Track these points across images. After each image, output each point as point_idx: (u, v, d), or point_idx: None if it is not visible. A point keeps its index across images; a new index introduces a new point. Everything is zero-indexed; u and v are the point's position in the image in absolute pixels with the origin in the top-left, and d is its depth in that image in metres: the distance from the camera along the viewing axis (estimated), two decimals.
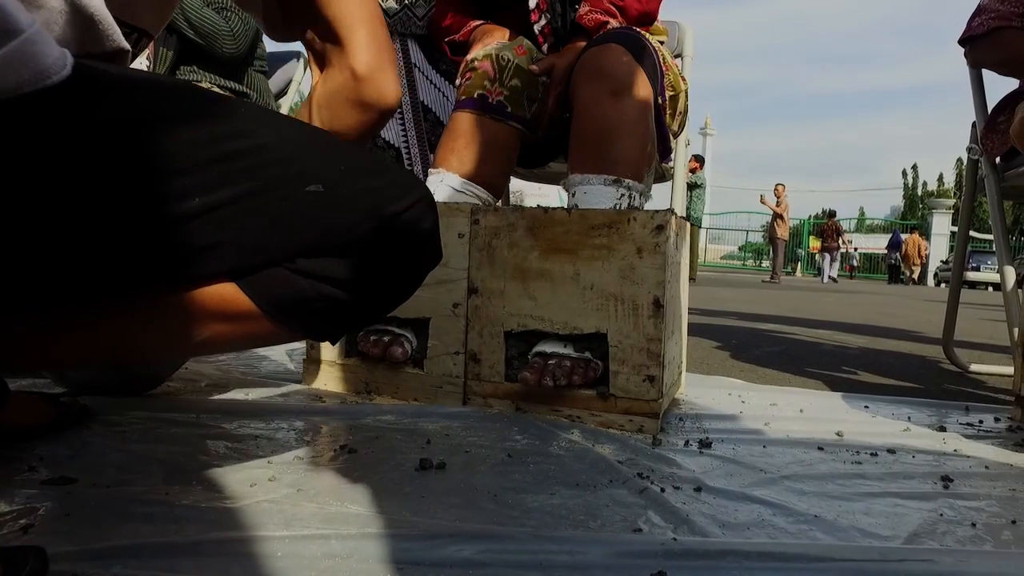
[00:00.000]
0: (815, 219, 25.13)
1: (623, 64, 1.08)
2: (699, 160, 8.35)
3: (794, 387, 1.40)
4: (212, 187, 0.45)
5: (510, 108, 1.15)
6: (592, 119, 1.08)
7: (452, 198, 1.11)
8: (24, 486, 0.61)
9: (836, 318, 3.55)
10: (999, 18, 1.43)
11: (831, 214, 14.78)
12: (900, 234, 17.13)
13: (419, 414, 0.95)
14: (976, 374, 1.75)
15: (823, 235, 14.04)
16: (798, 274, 18.02)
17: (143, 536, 0.52)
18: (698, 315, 3.15)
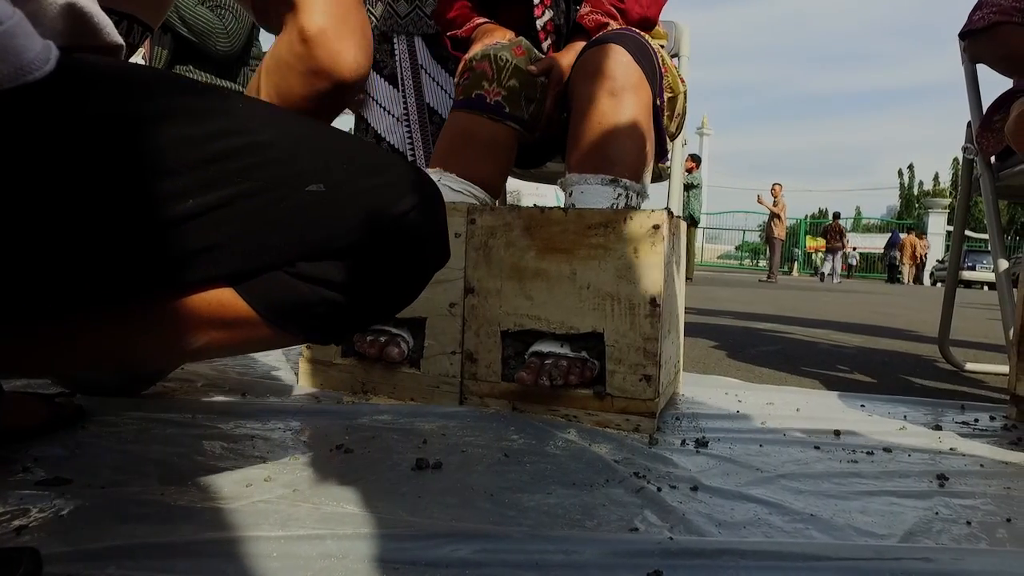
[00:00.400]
0: (812, 219, 25.22)
1: (623, 64, 1.08)
2: (695, 160, 8.35)
3: (790, 386, 1.40)
4: (207, 187, 0.43)
5: (508, 108, 1.15)
6: (590, 119, 1.09)
7: (449, 198, 1.11)
8: (18, 487, 0.61)
9: (832, 317, 3.56)
10: (1000, 13, 1.42)
11: (835, 216, 15.05)
12: (899, 234, 17.23)
13: (415, 414, 0.95)
14: (972, 373, 1.75)
15: (827, 236, 14.26)
16: (795, 273, 18.06)
17: (138, 536, 0.52)
18: (695, 315, 3.15)
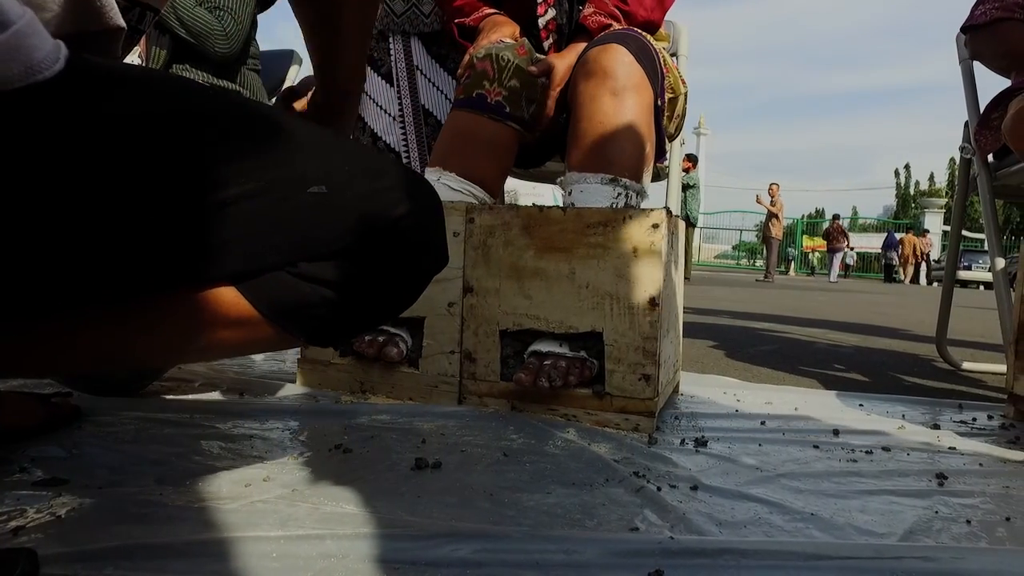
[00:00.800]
0: (808, 218, 25.26)
1: (625, 64, 1.08)
2: (692, 160, 8.35)
3: (789, 386, 1.40)
4: (211, 188, 0.43)
5: (508, 108, 1.14)
6: (591, 118, 1.08)
7: (448, 197, 1.10)
8: (15, 487, 0.60)
9: (830, 317, 3.56)
10: (1002, 9, 1.42)
11: (835, 217, 15.41)
12: (895, 235, 17.36)
13: (414, 413, 0.95)
14: (969, 372, 1.75)
15: (828, 237, 14.61)
16: (792, 273, 18.10)
17: (136, 537, 0.52)
18: (693, 314, 3.15)
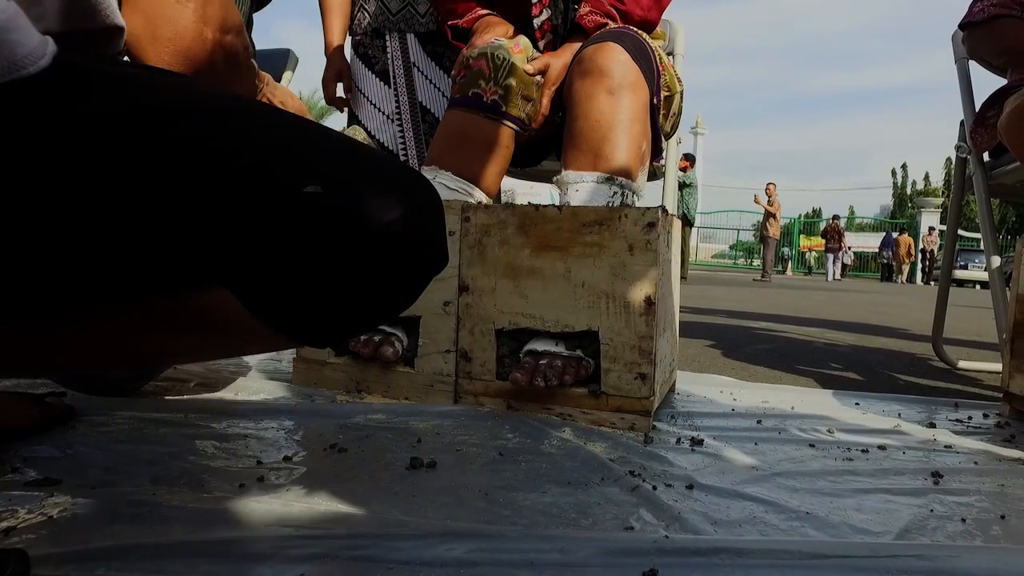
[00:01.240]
0: (806, 218, 25.31)
1: (620, 63, 1.08)
2: (689, 159, 8.35)
3: (785, 384, 1.40)
4: (208, 186, 0.42)
5: (505, 107, 1.14)
6: (587, 117, 1.08)
7: (444, 196, 1.10)
8: (7, 488, 0.60)
9: (827, 316, 3.57)
10: (1000, 6, 1.43)
11: (834, 217, 15.79)
12: (892, 235, 17.52)
13: (410, 413, 0.95)
14: (965, 371, 1.76)
15: (826, 237, 14.94)
16: (789, 272, 18.15)
17: (129, 537, 0.52)
18: (690, 313, 3.16)
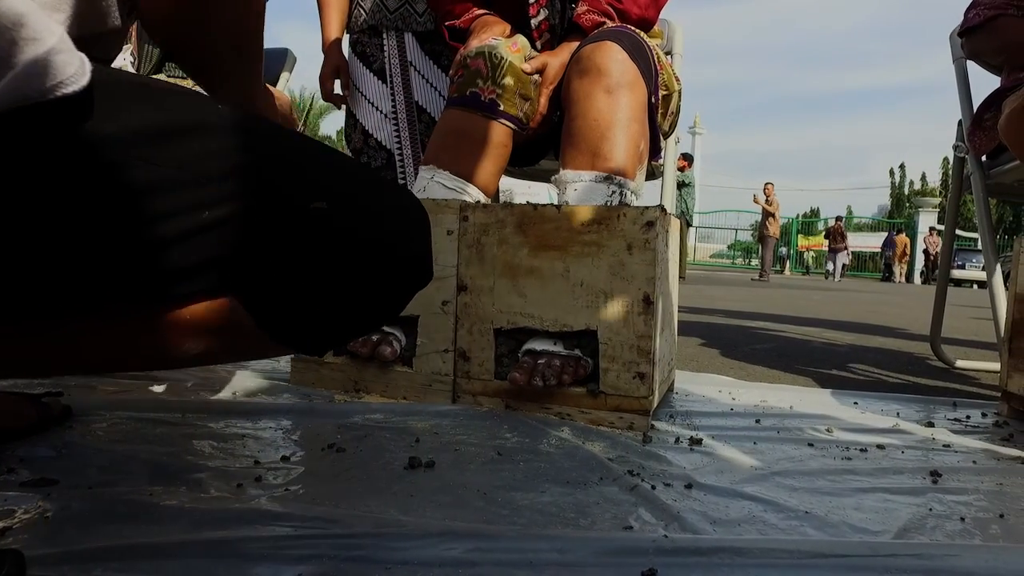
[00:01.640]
0: (804, 218, 25.34)
1: (618, 62, 1.08)
2: (687, 159, 8.36)
3: (784, 384, 1.40)
4: (223, 200, 0.45)
5: (502, 106, 1.14)
6: (585, 116, 1.08)
7: (442, 195, 1.10)
8: (3, 488, 0.60)
9: (825, 316, 3.57)
10: (993, 7, 1.45)
11: (837, 219, 16.25)
12: (893, 234, 17.70)
13: (408, 412, 0.94)
14: (963, 370, 1.76)
15: (830, 238, 15.39)
16: (787, 272, 18.19)
17: (126, 537, 0.51)
18: (688, 313, 3.16)
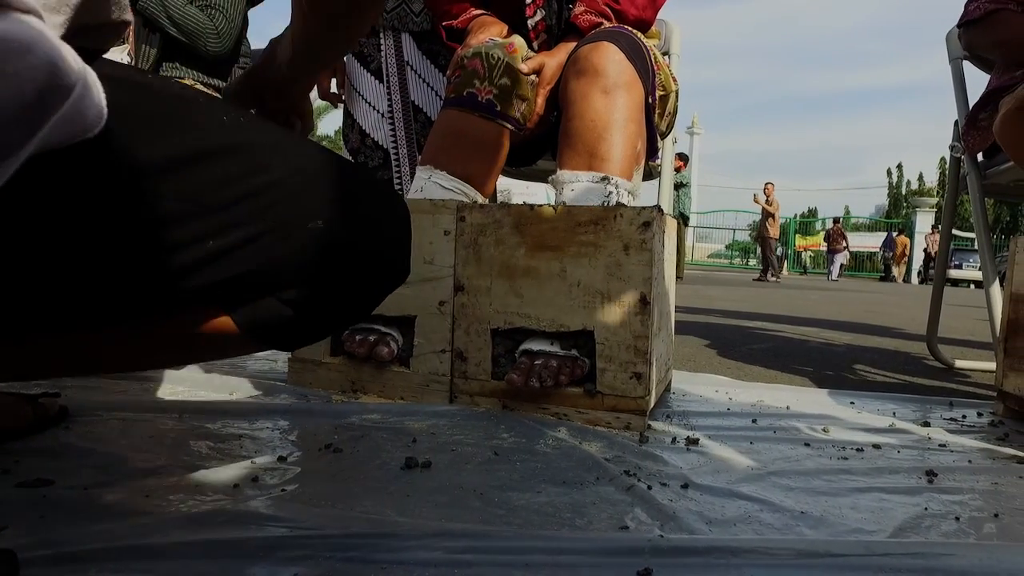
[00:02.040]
0: (802, 218, 25.39)
1: (615, 62, 1.08)
2: (683, 159, 8.35)
3: (781, 384, 1.41)
4: (225, 230, 0.46)
5: (499, 107, 1.14)
6: (582, 116, 1.08)
7: (439, 195, 1.10)
8: None
9: (823, 316, 3.58)
10: (995, 1, 1.45)
11: (835, 220, 16.62)
12: (892, 234, 17.81)
13: (405, 413, 0.94)
14: (959, 370, 1.76)
15: (829, 238, 15.69)
16: (784, 272, 18.24)
17: (122, 538, 0.51)
18: (685, 313, 3.16)
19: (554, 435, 0.87)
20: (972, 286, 13.24)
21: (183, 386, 1.04)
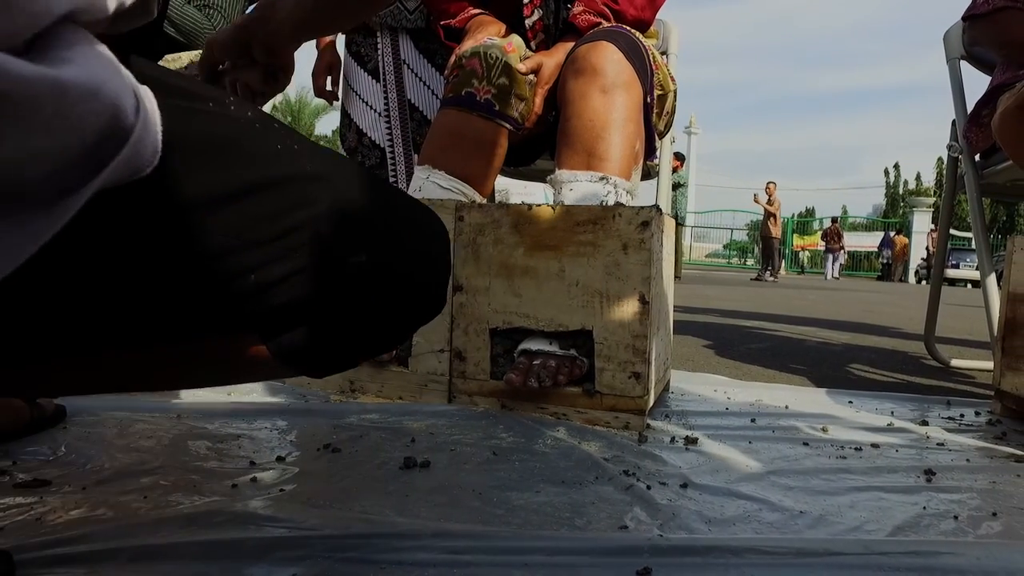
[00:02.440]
0: (799, 217, 25.44)
1: (614, 62, 1.08)
2: (680, 158, 8.34)
3: (779, 383, 1.41)
4: (268, 264, 0.46)
5: (498, 106, 1.14)
6: (581, 116, 1.08)
7: (438, 195, 1.10)
8: None
9: (821, 315, 3.58)
10: None
11: (833, 220, 16.71)
12: (890, 234, 17.91)
13: (404, 412, 0.94)
14: (957, 369, 1.77)
15: (827, 238, 15.81)
16: (782, 271, 18.27)
17: (120, 538, 0.51)
18: (684, 312, 3.16)
19: (553, 435, 0.87)
20: (969, 285, 13.26)
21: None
